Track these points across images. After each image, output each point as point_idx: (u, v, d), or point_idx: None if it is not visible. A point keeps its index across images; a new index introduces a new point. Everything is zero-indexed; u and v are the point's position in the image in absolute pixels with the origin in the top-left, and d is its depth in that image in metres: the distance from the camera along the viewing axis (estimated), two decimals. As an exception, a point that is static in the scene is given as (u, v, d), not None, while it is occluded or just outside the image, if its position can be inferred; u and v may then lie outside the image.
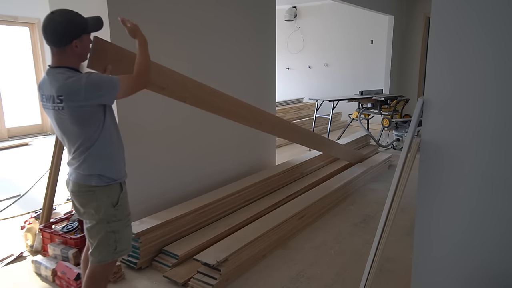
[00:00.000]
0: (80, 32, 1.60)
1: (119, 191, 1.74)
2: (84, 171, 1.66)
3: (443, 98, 1.60)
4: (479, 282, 1.64)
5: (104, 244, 1.70)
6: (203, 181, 3.45)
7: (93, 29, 1.67)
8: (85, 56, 1.69)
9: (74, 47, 1.59)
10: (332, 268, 2.54)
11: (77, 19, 1.61)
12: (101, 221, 1.69)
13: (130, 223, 1.82)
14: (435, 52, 1.60)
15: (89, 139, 1.63)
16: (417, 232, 1.76)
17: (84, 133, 1.62)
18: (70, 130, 1.63)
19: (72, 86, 1.54)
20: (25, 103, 6.80)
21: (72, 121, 1.59)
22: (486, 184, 1.56)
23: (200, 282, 2.24)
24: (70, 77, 1.55)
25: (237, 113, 2.74)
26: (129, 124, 2.76)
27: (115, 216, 1.71)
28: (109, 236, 1.70)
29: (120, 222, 1.73)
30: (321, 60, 8.44)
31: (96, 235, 1.70)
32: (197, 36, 3.24)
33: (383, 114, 5.75)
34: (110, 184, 1.69)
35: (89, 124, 1.61)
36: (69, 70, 1.60)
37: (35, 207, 3.50)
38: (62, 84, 1.54)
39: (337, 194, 3.65)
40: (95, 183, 1.66)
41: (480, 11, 1.49)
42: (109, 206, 1.69)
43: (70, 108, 1.55)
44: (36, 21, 6.65)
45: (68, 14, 1.61)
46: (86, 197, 1.69)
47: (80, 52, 1.63)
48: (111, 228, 1.70)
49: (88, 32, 1.65)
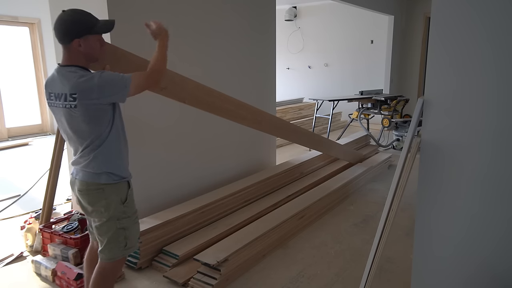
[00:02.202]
0: (83, 31, 1.59)
1: (127, 188, 1.76)
2: (94, 169, 1.66)
3: (443, 98, 1.60)
4: (479, 282, 1.64)
5: (115, 241, 1.72)
6: (203, 181, 3.45)
7: (100, 31, 1.66)
8: (92, 57, 1.67)
9: (77, 46, 1.59)
10: (332, 268, 2.54)
11: (83, 19, 1.61)
12: (111, 218, 1.70)
13: (138, 220, 1.84)
14: (435, 52, 1.60)
15: (99, 137, 1.64)
16: (417, 232, 1.76)
17: (95, 131, 1.63)
18: (81, 128, 1.63)
19: (85, 85, 1.55)
20: (25, 103, 6.80)
21: (84, 119, 1.60)
22: (486, 184, 1.56)
23: (200, 282, 2.24)
24: (83, 75, 1.57)
25: (237, 114, 2.74)
26: (129, 125, 2.75)
27: (124, 213, 1.73)
28: (120, 232, 1.72)
29: (129, 219, 1.76)
30: (321, 60, 8.44)
31: (106, 233, 1.71)
32: (196, 36, 3.24)
33: (383, 114, 5.75)
34: (118, 182, 1.71)
35: (100, 122, 1.63)
36: (80, 69, 1.61)
37: (35, 207, 3.50)
38: (75, 83, 1.55)
39: (337, 194, 3.65)
40: (104, 180, 1.67)
41: (480, 11, 1.49)
42: (119, 203, 1.71)
43: (83, 106, 1.56)
44: (36, 21, 6.65)
45: (77, 13, 1.61)
46: (95, 195, 1.69)
47: (85, 52, 1.62)
48: (121, 225, 1.72)
49: (94, 33, 1.64)
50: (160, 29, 1.81)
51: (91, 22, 1.63)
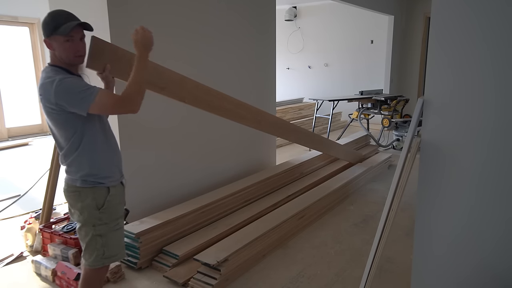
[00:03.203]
0: (48, 32, 1.57)
1: (106, 194, 1.68)
2: (71, 174, 1.66)
3: (443, 98, 1.60)
4: (479, 282, 1.64)
5: (92, 247, 1.67)
6: (203, 181, 3.45)
7: (61, 32, 1.54)
8: (66, 57, 1.59)
9: (48, 45, 1.59)
10: (332, 268, 2.54)
11: (50, 19, 1.57)
12: (86, 223, 1.66)
13: (119, 227, 1.76)
14: (435, 52, 1.60)
15: (69, 142, 1.61)
16: (417, 232, 1.76)
17: (63, 135, 1.61)
18: (53, 130, 1.64)
19: (46, 87, 1.53)
20: (25, 103, 6.80)
21: (51, 122, 1.59)
22: (486, 183, 1.56)
23: (200, 282, 2.24)
24: (49, 77, 1.54)
25: (237, 113, 2.74)
26: (129, 125, 2.76)
27: (100, 219, 1.67)
28: (96, 239, 1.67)
29: (106, 226, 1.68)
30: (321, 60, 8.44)
31: (84, 237, 1.68)
32: (196, 37, 3.24)
33: (383, 114, 5.75)
34: (94, 186, 1.66)
35: (65, 127, 1.59)
36: (56, 69, 1.58)
37: (35, 207, 3.50)
38: (41, 84, 1.55)
39: (337, 194, 3.65)
40: (80, 184, 1.65)
41: (480, 11, 1.49)
42: (93, 208, 1.65)
43: (45, 108, 1.56)
44: (36, 21, 6.64)
45: (50, 13, 1.60)
46: (73, 197, 1.68)
47: (57, 51, 1.58)
48: (96, 232, 1.66)
49: (58, 34, 1.54)
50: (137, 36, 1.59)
51: (59, 22, 1.55)
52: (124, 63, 1.90)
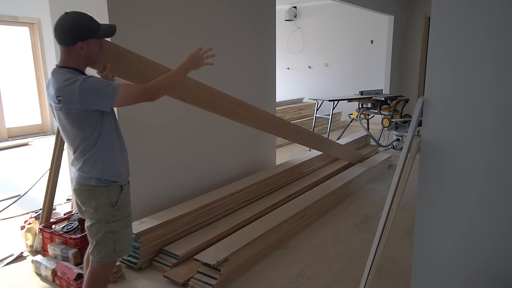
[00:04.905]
0: (87, 35, 1.60)
1: (119, 192, 1.73)
2: (85, 172, 1.67)
3: (443, 98, 1.60)
4: (479, 282, 1.64)
5: (103, 243, 1.71)
6: (203, 181, 3.45)
7: (103, 35, 1.68)
8: (92, 60, 1.68)
9: (79, 48, 1.60)
10: (332, 268, 2.54)
11: (87, 22, 1.62)
12: (100, 220, 1.70)
13: (130, 224, 1.82)
14: (435, 52, 1.60)
15: (86, 141, 1.63)
16: (417, 232, 1.76)
17: (81, 135, 1.63)
18: (69, 131, 1.64)
19: (68, 88, 1.54)
20: (25, 103, 6.80)
21: (69, 122, 1.60)
22: (486, 183, 1.56)
23: (200, 282, 2.24)
24: (69, 79, 1.55)
25: (237, 112, 2.74)
26: (129, 123, 2.76)
27: (114, 216, 1.71)
28: (108, 236, 1.71)
29: (120, 223, 1.74)
30: (321, 60, 8.44)
31: (96, 234, 1.71)
32: (196, 36, 3.24)
33: (383, 114, 5.75)
34: (109, 185, 1.70)
35: (84, 127, 1.61)
36: (71, 71, 1.60)
37: (35, 207, 3.50)
38: (60, 86, 1.55)
39: (337, 194, 3.65)
40: (94, 183, 1.68)
41: (480, 11, 1.49)
42: (108, 206, 1.70)
43: (66, 109, 1.56)
44: (36, 21, 6.65)
45: (80, 16, 1.61)
46: (86, 195, 1.70)
47: (86, 54, 1.63)
48: (109, 228, 1.71)
49: (97, 37, 1.65)
50: (192, 55, 1.86)
51: (94, 26, 1.63)
52: (125, 62, 1.90)
